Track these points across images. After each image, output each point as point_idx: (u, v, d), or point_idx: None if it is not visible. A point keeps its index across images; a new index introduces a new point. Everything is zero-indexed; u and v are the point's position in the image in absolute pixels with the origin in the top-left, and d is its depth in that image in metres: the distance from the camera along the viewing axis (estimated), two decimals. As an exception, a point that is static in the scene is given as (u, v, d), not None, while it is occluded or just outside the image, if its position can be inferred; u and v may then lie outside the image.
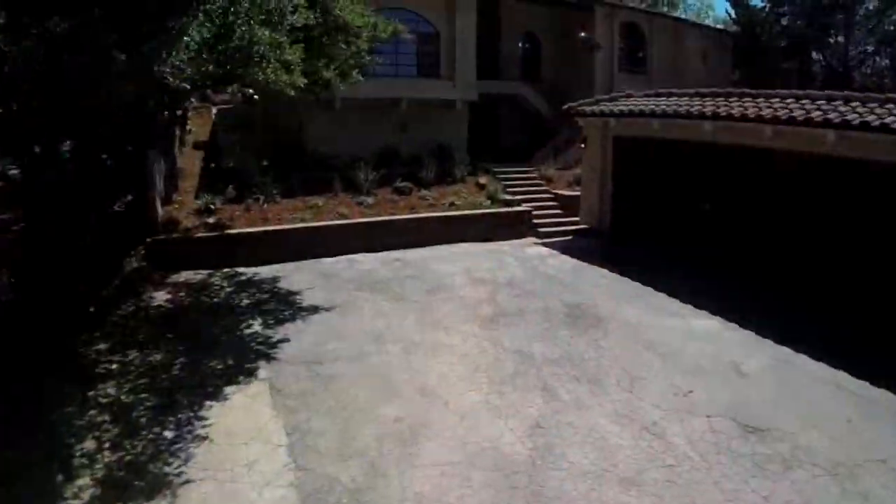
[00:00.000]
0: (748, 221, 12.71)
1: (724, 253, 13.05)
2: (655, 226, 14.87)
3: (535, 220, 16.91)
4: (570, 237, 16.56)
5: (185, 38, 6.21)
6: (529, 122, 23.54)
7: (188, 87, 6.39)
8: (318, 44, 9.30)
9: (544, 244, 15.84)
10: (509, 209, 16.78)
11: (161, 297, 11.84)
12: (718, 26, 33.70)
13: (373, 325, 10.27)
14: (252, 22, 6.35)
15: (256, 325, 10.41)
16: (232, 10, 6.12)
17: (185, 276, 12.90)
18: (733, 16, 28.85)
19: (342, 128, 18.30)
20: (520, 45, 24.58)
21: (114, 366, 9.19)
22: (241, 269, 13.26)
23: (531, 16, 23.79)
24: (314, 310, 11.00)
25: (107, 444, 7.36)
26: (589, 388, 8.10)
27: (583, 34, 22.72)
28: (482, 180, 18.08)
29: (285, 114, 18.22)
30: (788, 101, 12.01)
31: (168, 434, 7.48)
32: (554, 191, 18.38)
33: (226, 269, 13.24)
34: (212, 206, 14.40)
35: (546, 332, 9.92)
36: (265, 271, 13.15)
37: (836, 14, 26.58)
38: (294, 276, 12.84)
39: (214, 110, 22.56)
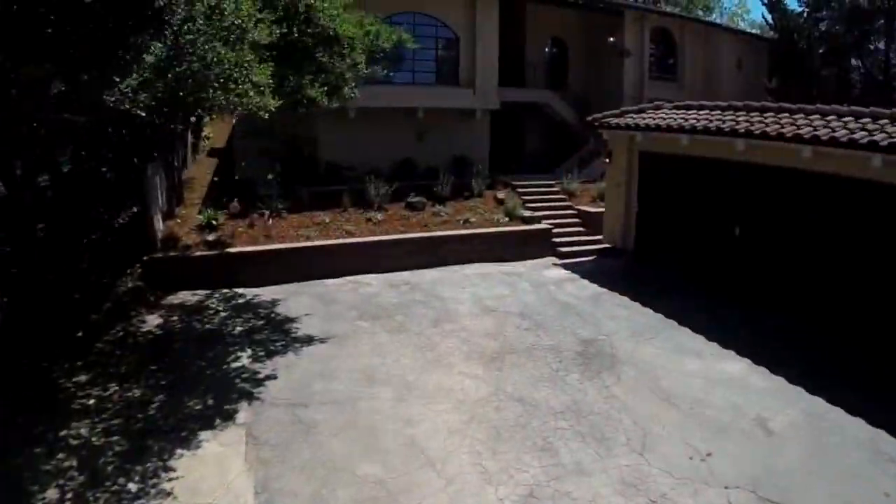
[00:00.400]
0: (782, 247, 11.67)
1: (754, 280, 12.06)
2: (682, 248, 13.87)
3: (556, 239, 15.99)
4: (591, 257, 15.62)
5: (139, 60, 5.54)
6: (555, 131, 22.65)
7: (143, 114, 5.77)
8: (304, 57, 8.58)
9: (564, 266, 14.92)
10: (528, 227, 15.90)
11: (153, 321, 11.30)
12: (753, 31, 32.24)
13: (368, 362, 9.54)
14: (215, 39, 5.65)
15: (245, 358, 9.77)
16: (185, 28, 5.43)
17: (182, 296, 12.36)
18: (770, 21, 27.46)
19: (357, 138, 17.70)
20: (546, 50, 23.66)
21: (91, 401, 8.65)
22: (240, 291, 12.67)
23: (558, 20, 22.86)
24: (308, 340, 10.33)
25: (69, 495, 6.84)
26: (594, 449, 7.24)
27: (611, 39, 21.71)
28: (501, 195, 17.23)
29: (300, 122, 17.65)
30: (829, 117, 10.96)
31: (132, 486, 6.91)
32: (577, 206, 17.44)
33: (224, 290, 12.66)
34: (214, 222, 13.85)
35: (554, 374, 9.06)
36: (265, 293, 12.53)
37: (877, 19, 25.09)
38: (293, 299, 12.19)
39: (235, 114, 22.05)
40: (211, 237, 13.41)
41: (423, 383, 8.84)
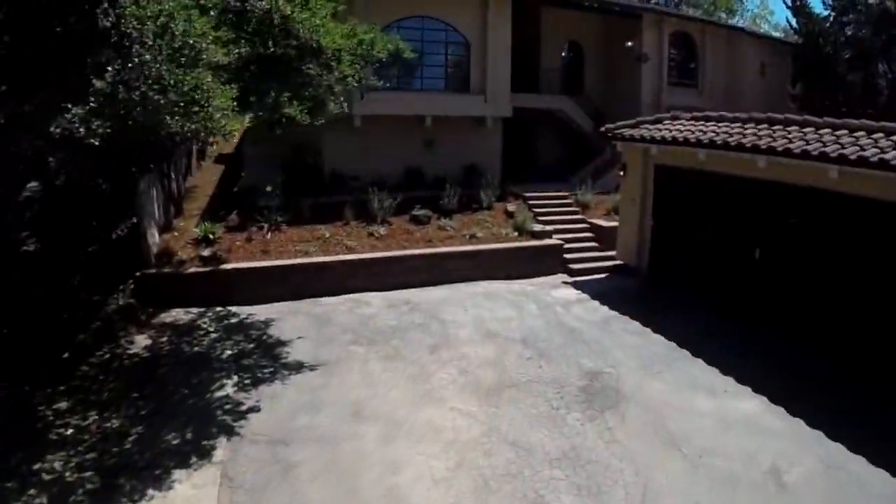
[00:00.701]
0: (806, 272, 10.94)
1: (775, 305, 11.35)
2: (699, 268, 13.16)
3: (567, 255, 15.31)
4: (604, 275, 14.95)
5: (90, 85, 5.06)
6: (570, 138, 21.96)
7: (96, 143, 5.30)
8: (289, 70, 8.06)
9: (574, 284, 14.25)
10: (538, 242, 15.22)
11: (141, 342, 10.90)
12: (776, 34, 31.15)
13: (357, 394, 9.02)
14: (169, 61, 5.14)
15: (230, 387, 9.31)
16: (134, 50, 4.94)
17: (175, 314, 11.96)
18: (794, 25, 26.44)
19: (363, 146, 17.21)
20: (562, 54, 22.97)
21: (69, 431, 8.31)
22: (234, 309, 12.22)
23: (574, 24, 22.16)
24: (298, 368, 9.84)
25: (35, 537, 6.50)
26: (590, 505, 6.65)
27: (629, 44, 20.98)
28: (511, 207, 16.59)
29: (306, 129, 17.18)
30: (858, 133, 10.23)
31: (99, 530, 6.54)
32: (590, 220, 16.74)
33: (218, 309, 12.23)
34: (211, 236, 13.40)
35: (553, 413, 8.45)
36: (259, 312, 12.06)
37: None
38: (287, 320, 11.71)
39: (248, 117, 21.64)
40: (206, 252, 12.98)
41: (412, 421, 8.29)
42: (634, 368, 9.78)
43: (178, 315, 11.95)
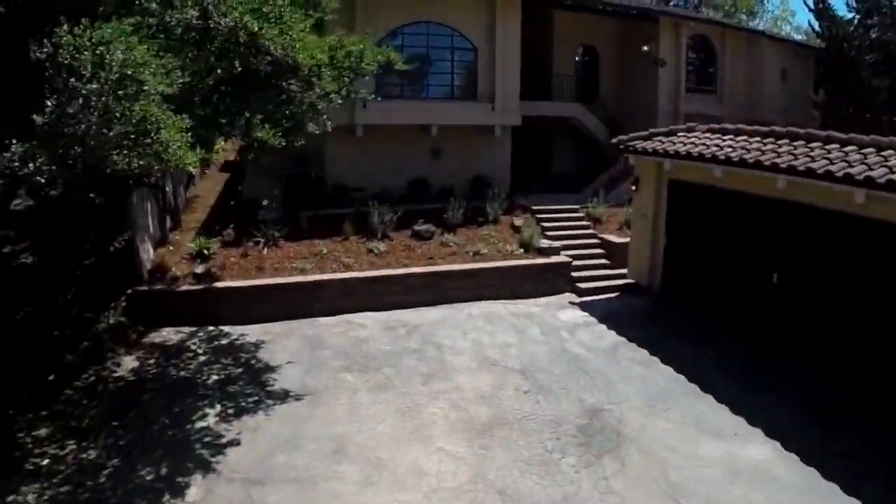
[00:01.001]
0: (829, 300, 10.24)
1: (793, 335, 10.70)
2: (714, 291, 12.51)
3: (576, 273, 14.67)
4: (614, 294, 14.30)
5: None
6: (584, 147, 21.32)
7: (42, 180, 4.91)
8: (268, 87, 7.60)
9: (581, 305, 13.63)
10: (545, 260, 14.56)
11: (128, 363, 10.56)
12: (798, 37, 30.12)
13: (341, 429, 8.54)
14: (109, 94, 4.69)
15: (212, 417, 8.91)
16: (70, 82, 4.51)
17: (165, 334, 11.60)
18: (817, 28, 25.44)
19: (367, 156, 16.76)
20: (576, 59, 22.33)
21: (45, 461, 8.02)
22: (226, 329, 11.82)
23: (589, 28, 21.52)
24: (283, 397, 9.41)
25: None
26: (580, 570, 6.13)
27: (645, 48, 20.31)
28: (518, 221, 15.96)
29: (309, 138, 16.78)
30: (887, 152, 9.55)
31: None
32: (601, 235, 16.07)
33: (210, 328, 11.84)
34: (206, 251, 13.02)
35: (547, 457, 7.91)
36: (251, 333, 11.66)
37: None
38: (279, 342, 11.27)
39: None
40: (200, 269, 12.57)
41: (396, 462, 7.80)
42: (638, 405, 9.20)
43: (169, 335, 11.58)
